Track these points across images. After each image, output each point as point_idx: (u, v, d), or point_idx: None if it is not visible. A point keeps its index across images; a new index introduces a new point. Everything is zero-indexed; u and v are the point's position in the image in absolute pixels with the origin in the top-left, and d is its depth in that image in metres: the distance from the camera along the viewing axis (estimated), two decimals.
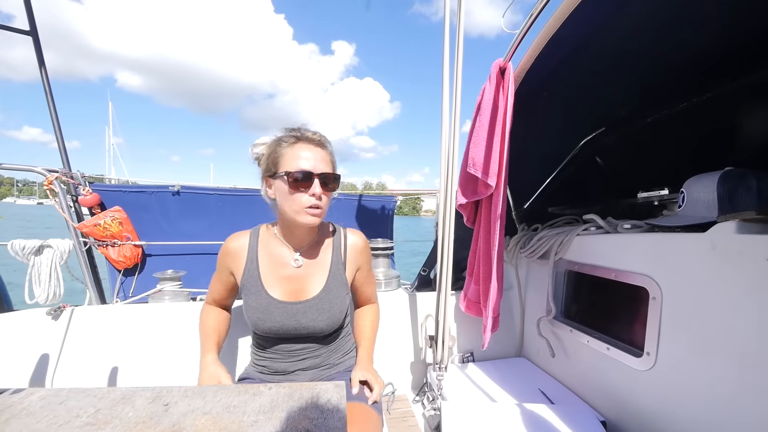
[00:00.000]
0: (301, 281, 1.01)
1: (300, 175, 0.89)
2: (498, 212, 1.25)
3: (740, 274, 0.83)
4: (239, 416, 0.59)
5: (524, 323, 1.76)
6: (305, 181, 0.90)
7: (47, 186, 1.71)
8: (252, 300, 0.98)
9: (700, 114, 1.28)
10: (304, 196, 0.91)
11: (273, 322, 0.97)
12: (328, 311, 1.00)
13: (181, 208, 2.46)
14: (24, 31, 1.68)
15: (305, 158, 0.91)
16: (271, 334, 1.00)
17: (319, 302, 0.99)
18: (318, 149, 0.94)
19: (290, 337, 1.00)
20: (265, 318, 0.97)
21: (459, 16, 1.17)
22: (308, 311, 0.98)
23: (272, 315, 0.97)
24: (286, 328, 0.98)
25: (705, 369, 0.92)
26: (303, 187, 0.90)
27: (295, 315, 0.98)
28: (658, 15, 1.06)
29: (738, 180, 0.96)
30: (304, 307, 0.98)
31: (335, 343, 1.10)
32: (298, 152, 0.91)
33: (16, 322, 1.34)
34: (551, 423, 1.12)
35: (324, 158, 0.94)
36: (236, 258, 1.02)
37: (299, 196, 0.90)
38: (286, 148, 0.92)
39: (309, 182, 0.90)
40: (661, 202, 1.27)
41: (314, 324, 0.99)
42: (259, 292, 0.98)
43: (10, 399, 0.62)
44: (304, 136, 0.94)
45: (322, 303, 1.00)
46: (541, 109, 1.51)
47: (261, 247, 1.02)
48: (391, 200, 2.96)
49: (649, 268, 1.08)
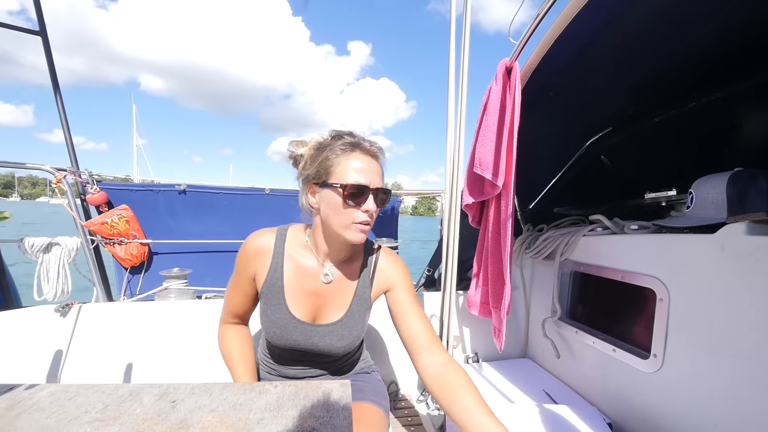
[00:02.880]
0: (326, 299, 0.94)
1: (356, 190, 0.82)
2: (507, 212, 1.24)
3: (750, 275, 0.82)
4: (246, 414, 0.60)
5: (529, 324, 1.75)
6: (360, 195, 0.82)
7: (56, 184, 1.73)
8: (271, 312, 0.92)
9: (709, 114, 1.27)
10: (357, 212, 0.83)
11: (289, 340, 0.92)
12: (348, 337, 0.94)
13: (188, 207, 2.48)
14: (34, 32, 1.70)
15: (361, 170, 0.83)
16: (285, 351, 0.96)
17: (340, 328, 0.93)
18: (374, 162, 0.86)
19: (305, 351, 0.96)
20: (282, 335, 0.91)
21: (465, 16, 1.17)
22: (327, 336, 0.93)
23: (290, 333, 0.91)
24: (302, 346, 0.93)
25: (713, 372, 0.91)
26: (357, 202, 0.83)
27: (312, 338, 0.92)
28: (666, 14, 1.05)
29: (748, 181, 0.95)
30: (324, 331, 0.93)
31: (349, 357, 1.07)
32: (354, 163, 0.83)
33: (25, 319, 1.36)
34: (557, 424, 1.12)
35: (378, 172, 0.87)
36: (259, 259, 0.93)
37: (352, 211, 0.83)
38: (340, 156, 0.83)
39: (364, 197, 0.83)
40: (669, 202, 1.26)
41: (330, 348, 0.93)
42: (279, 306, 0.91)
43: (21, 394, 0.63)
44: (361, 145, 0.85)
45: (342, 329, 0.93)
46: (547, 108, 1.51)
47: (287, 254, 0.93)
48: (396, 200, 2.97)
49: (657, 269, 1.07)
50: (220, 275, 2.50)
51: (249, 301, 0.98)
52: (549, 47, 1.19)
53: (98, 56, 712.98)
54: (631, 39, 1.15)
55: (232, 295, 0.98)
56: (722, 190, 0.97)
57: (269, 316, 0.91)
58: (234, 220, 2.59)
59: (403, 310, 0.93)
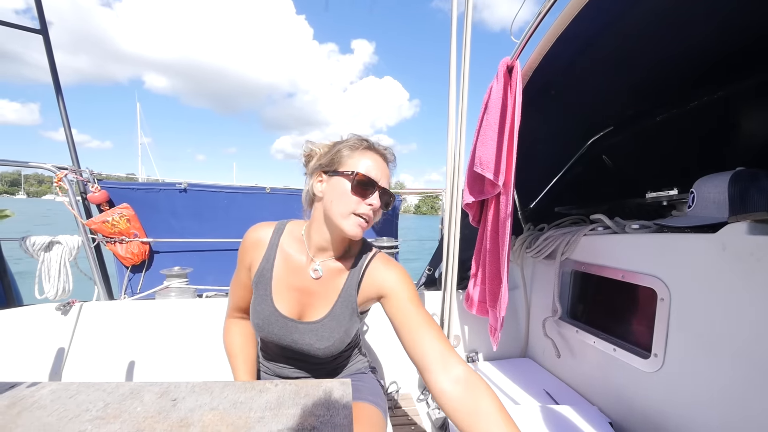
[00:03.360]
0: (311, 297, 0.93)
1: (365, 180, 0.83)
2: (506, 212, 1.24)
3: (751, 275, 0.82)
4: (246, 412, 0.60)
5: (530, 323, 1.75)
6: (369, 187, 0.84)
7: (57, 183, 1.73)
8: (257, 303, 0.93)
9: (711, 113, 1.27)
10: (361, 203, 0.83)
11: (269, 332, 0.92)
12: (327, 339, 0.91)
13: (188, 206, 2.49)
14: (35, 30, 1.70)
15: (373, 166, 0.85)
16: (269, 342, 0.97)
17: (320, 328, 0.91)
18: (384, 164, 0.89)
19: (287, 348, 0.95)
20: (264, 326, 0.92)
21: (467, 16, 1.16)
22: (306, 335, 0.91)
23: (270, 326, 0.91)
24: (285, 342, 0.93)
25: (714, 371, 0.91)
26: (363, 193, 0.83)
27: (292, 334, 0.92)
28: (667, 13, 1.04)
29: (749, 180, 0.95)
30: (305, 329, 0.92)
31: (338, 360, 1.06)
32: (368, 158, 0.86)
33: (27, 317, 1.36)
34: (558, 424, 1.12)
35: (387, 174, 0.89)
36: (255, 250, 0.94)
37: (356, 200, 0.83)
38: (354, 150, 0.87)
39: (372, 190, 0.84)
40: (671, 202, 1.25)
41: (310, 349, 0.92)
42: (265, 298, 0.92)
43: (22, 392, 0.63)
44: (375, 146, 0.90)
45: (322, 330, 0.91)
46: (548, 107, 1.50)
47: (281, 247, 0.94)
48: (396, 199, 2.97)
49: (658, 268, 1.07)
50: (220, 274, 2.50)
51: (249, 294, 0.97)
52: (550, 46, 1.19)
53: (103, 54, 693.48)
54: (631, 40, 1.15)
55: (234, 289, 1.00)
56: (724, 189, 0.97)
57: (255, 306, 0.93)
58: (235, 219, 2.59)
59: (406, 321, 0.82)
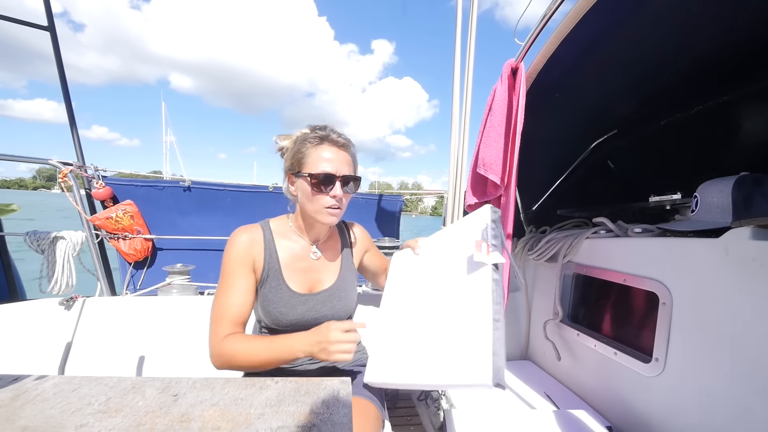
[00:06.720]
0: (318, 272, 1.04)
1: (322, 177, 0.92)
2: (508, 213, 1.24)
3: (754, 280, 0.82)
4: (246, 408, 0.60)
5: (530, 326, 1.75)
6: (327, 183, 0.92)
7: (62, 179, 1.75)
8: (273, 294, 0.96)
9: (716, 117, 1.26)
10: (325, 198, 0.93)
11: (295, 315, 0.97)
12: (345, 299, 1.05)
13: (192, 203, 2.50)
14: (42, 27, 1.72)
15: (328, 160, 0.93)
16: (289, 328, 0.97)
17: (336, 291, 1.04)
18: (341, 151, 0.96)
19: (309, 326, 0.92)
20: (288, 312, 0.97)
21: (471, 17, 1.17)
22: (327, 300, 1.02)
23: (294, 309, 0.97)
24: (307, 319, 0.98)
25: (715, 377, 0.91)
26: (324, 189, 0.92)
27: (315, 306, 1.00)
28: (672, 17, 1.04)
29: (754, 185, 0.95)
30: (324, 296, 1.02)
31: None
32: (322, 153, 0.93)
33: (30, 312, 1.38)
34: (556, 427, 1.11)
35: (346, 160, 0.96)
36: (254, 248, 0.96)
37: (320, 197, 0.93)
38: (310, 148, 0.94)
39: (331, 184, 0.93)
40: (674, 206, 1.25)
41: (333, 312, 1.01)
42: (279, 287, 0.97)
43: (26, 385, 0.64)
44: (329, 137, 0.95)
45: (339, 291, 1.04)
46: (552, 110, 1.50)
47: (277, 240, 1.01)
48: (398, 200, 2.97)
49: (660, 272, 1.07)
50: None
51: (251, 297, 0.95)
52: (555, 48, 1.19)
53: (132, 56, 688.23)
54: (637, 43, 1.15)
55: (231, 299, 0.91)
56: (728, 194, 0.96)
57: (271, 298, 0.97)
58: (238, 217, 2.60)
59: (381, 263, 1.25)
